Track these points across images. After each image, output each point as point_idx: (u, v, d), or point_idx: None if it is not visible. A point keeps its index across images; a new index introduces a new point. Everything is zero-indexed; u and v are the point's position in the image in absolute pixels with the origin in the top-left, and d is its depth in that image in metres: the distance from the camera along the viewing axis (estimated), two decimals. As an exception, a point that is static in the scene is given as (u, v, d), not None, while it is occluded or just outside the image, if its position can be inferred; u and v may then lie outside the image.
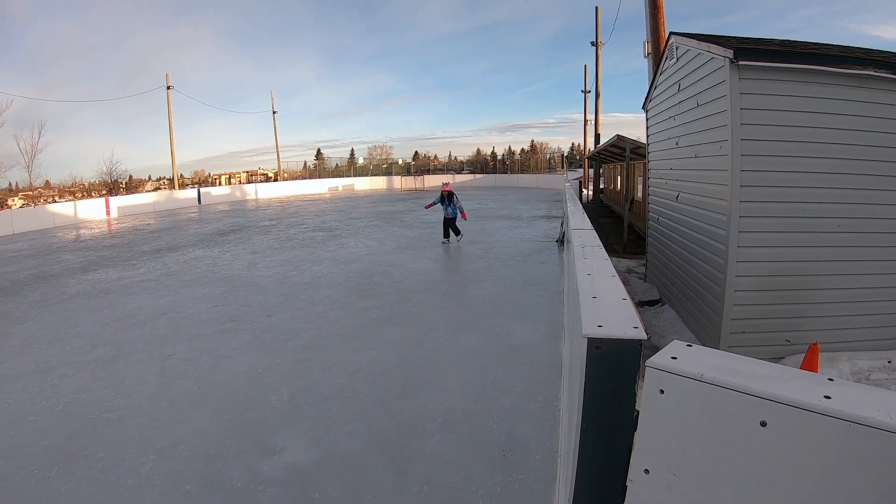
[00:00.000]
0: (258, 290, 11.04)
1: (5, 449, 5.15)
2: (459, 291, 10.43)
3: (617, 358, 1.76)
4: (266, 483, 4.48)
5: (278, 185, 50.56)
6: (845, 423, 1.29)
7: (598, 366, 1.78)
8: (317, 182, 53.85)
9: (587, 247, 3.96)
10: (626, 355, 1.75)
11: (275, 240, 18.63)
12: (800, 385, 1.43)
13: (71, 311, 10.13)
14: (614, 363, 1.76)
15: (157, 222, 27.04)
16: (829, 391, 1.38)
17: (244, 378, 6.60)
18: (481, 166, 74.59)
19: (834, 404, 1.32)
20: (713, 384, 1.48)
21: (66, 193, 53.79)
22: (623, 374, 1.76)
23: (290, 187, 50.25)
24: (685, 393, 1.53)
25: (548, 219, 21.83)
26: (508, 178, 53.01)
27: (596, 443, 1.84)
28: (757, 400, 1.41)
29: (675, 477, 1.62)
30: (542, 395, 5.78)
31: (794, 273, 6.92)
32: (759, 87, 6.68)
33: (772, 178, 6.76)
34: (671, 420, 1.58)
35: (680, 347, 1.68)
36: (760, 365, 1.56)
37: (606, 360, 1.77)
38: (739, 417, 1.44)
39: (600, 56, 34.35)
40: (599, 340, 1.76)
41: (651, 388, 1.60)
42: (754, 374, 1.50)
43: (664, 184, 10.31)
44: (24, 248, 19.50)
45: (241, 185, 52.90)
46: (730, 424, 1.47)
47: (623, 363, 1.76)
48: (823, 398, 1.35)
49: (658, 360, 1.60)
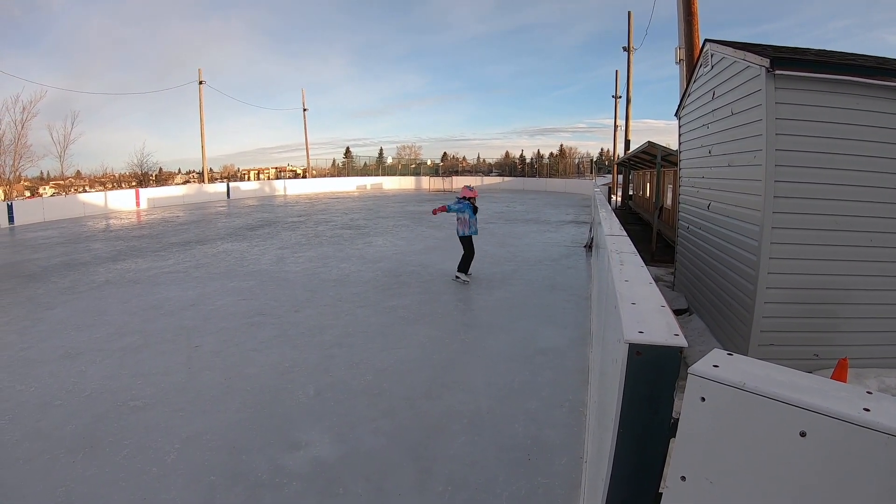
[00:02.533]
0: (286, 286, 11.14)
1: (32, 432, 5.23)
2: (487, 293, 10.42)
3: (656, 364, 1.76)
4: (290, 477, 4.50)
5: (307, 182, 50.87)
6: (885, 436, 1.29)
7: (637, 371, 1.78)
8: (345, 180, 54.03)
9: (622, 253, 3.94)
10: (666, 362, 1.75)
11: (303, 236, 18.77)
12: (840, 397, 1.42)
13: (99, 299, 10.29)
14: (654, 369, 1.76)
15: (186, 215, 27.38)
16: (869, 404, 1.38)
17: (271, 372, 6.66)
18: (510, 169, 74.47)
19: (873, 417, 1.32)
20: (755, 393, 1.48)
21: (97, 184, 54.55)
22: (662, 381, 1.76)
23: (318, 184, 50.52)
24: (726, 401, 1.53)
25: (576, 224, 21.74)
26: (537, 181, 52.72)
27: (632, 448, 1.85)
28: (798, 410, 1.41)
29: (712, 485, 1.62)
30: (569, 401, 5.76)
31: (825, 286, 6.82)
32: (795, 97, 6.60)
33: (805, 189, 6.68)
34: (711, 428, 1.58)
35: (721, 356, 1.68)
36: (801, 376, 1.56)
37: (646, 366, 1.77)
38: (780, 427, 1.44)
39: (632, 61, 34.14)
40: (640, 346, 1.76)
41: (692, 395, 1.60)
42: (795, 384, 1.50)
43: (695, 192, 10.22)
44: (54, 235, 19.84)
45: (270, 181, 53.18)
46: (770, 434, 1.47)
47: (663, 370, 1.76)
48: (863, 410, 1.35)
49: (700, 367, 1.60)
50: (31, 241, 18.45)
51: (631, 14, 33.49)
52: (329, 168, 72.22)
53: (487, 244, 16.17)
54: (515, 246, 16.11)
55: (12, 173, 42.28)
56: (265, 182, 52.21)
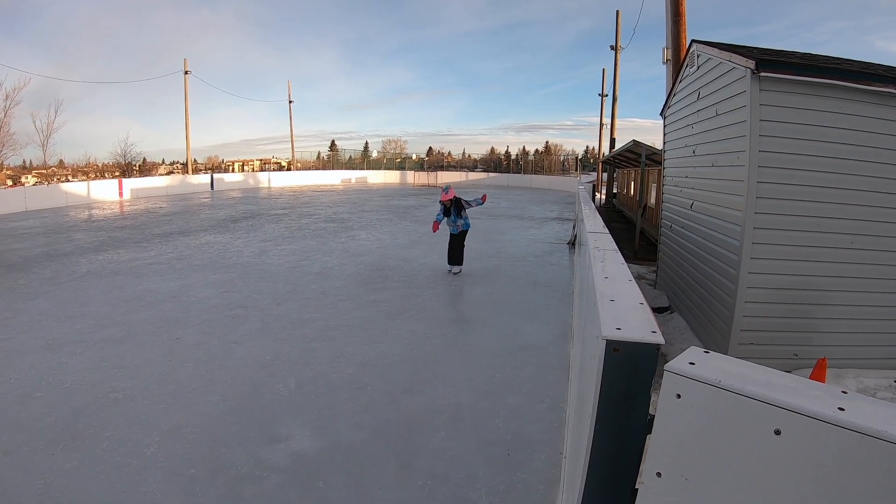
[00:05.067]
0: (268, 278, 11.09)
1: (11, 424, 5.18)
2: (470, 289, 10.46)
3: (634, 361, 1.77)
4: (270, 470, 4.49)
5: (291, 175, 50.70)
6: (858, 435, 1.30)
7: (614, 368, 1.79)
8: (330, 173, 53.95)
9: (603, 250, 3.96)
10: (643, 359, 1.76)
11: (286, 229, 18.71)
12: (815, 396, 1.43)
13: (81, 290, 10.19)
14: (631, 366, 1.77)
15: (170, 206, 27.16)
16: (843, 403, 1.39)
17: (252, 364, 6.64)
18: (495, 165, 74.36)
19: (847, 416, 1.33)
20: (730, 391, 1.49)
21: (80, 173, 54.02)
22: (639, 378, 1.77)
23: (303, 177, 50.39)
24: (702, 398, 1.54)
25: (560, 221, 21.82)
26: (521, 178, 52.85)
27: (609, 444, 1.86)
28: (773, 408, 1.42)
29: (688, 481, 1.63)
30: (549, 397, 5.79)
31: (806, 287, 6.89)
32: (780, 99, 6.65)
33: (788, 191, 6.73)
34: (686, 425, 1.59)
35: (697, 353, 1.69)
36: (776, 375, 1.57)
37: (623, 362, 1.78)
38: (755, 425, 1.45)
39: (619, 60, 34.27)
40: (617, 343, 1.77)
41: (668, 391, 1.61)
42: (770, 382, 1.51)
43: (679, 191, 10.27)
44: (36, 225, 19.59)
45: (255, 173, 53.01)
46: (745, 431, 1.48)
47: (640, 366, 1.76)
48: (837, 409, 1.36)
49: (676, 364, 1.61)
50: (13, 230, 18.20)
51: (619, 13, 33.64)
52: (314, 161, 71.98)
53: (470, 239, 16.03)
54: (499, 242, 16.16)
55: (-6, 162, 41.88)
56: (250, 174, 52.02)
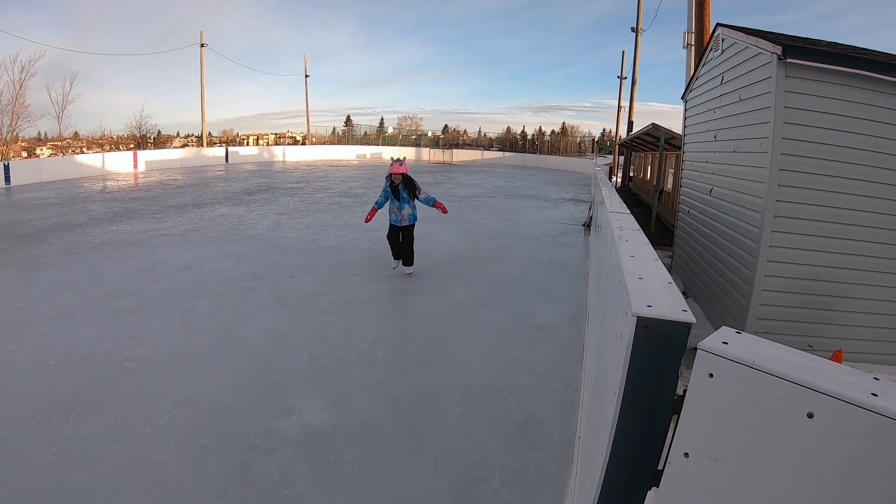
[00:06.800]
0: (282, 251, 11.10)
1: (24, 392, 5.21)
2: (484, 267, 10.40)
3: (664, 340, 1.75)
4: (283, 442, 4.51)
5: (306, 149, 50.57)
6: (891, 422, 1.30)
7: (644, 346, 1.76)
8: (345, 148, 53.79)
9: (627, 230, 3.92)
10: (673, 337, 1.74)
11: (301, 202, 18.69)
12: (848, 381, 1.43)
13: (95, 261, 10.21)
14: (661, 344, 1.75)
15: (184, 178, 27.17)
16: (876, 389, 1.38)
17: (265, 337, 6.65)
18: (510, 145, 73.82)
19: (881, 402, 1.33)
20: (765, 372, 1.47)
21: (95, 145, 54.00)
22: (668, 356, 1.75)
23: (317, 152, 50.22)
24: (735, 378, 1.52)
25: (575, 202, 21.65)
26: (537, 158, 52.40)
27: (635, 423, 1.84)
28: (807, 391, 1.41)
29: (715, 462, 1.61)
30: (563, 377, 5.77)
31: (823, 278, 6.81)
32: (805, 86, 6.53)
33: (809, 180, 6.63)
34: (717, 404, 1.57)
35: (730, 333, 1.67)
36: (810, 358, 1.56)
37: (653, 340, 1.75)
38: (788, 407, 1.44)
39: (639, 43, 33.82)
40: (648, 320, 1.75)
41: (700, 370, 1.59)
42: (805, 365, 1.49)
43: (698, 176, 10.17)
44: (50, 196, 19.57)
45: (269, 147, 52.78)
46: (777, 413, 1.46)
47: (669, 345, 1.74)
48: (871, 395, 1.35)
49: (709, 343, 1.58)
50: (27, 201, 18.20)
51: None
52: (329, 136, 71.56)
53: (486, 218, 16.23)
54: (514, 221, 16.05)
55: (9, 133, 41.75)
56: (264, 148, 51.90)
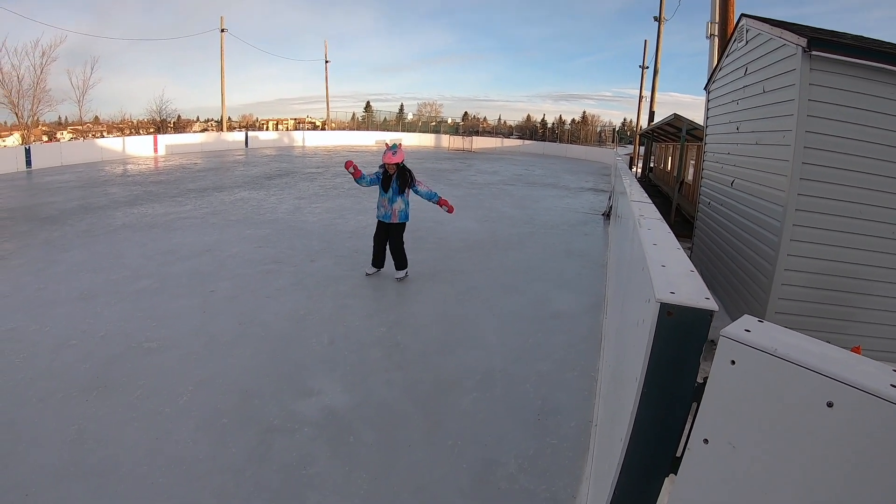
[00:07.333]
0: (302, 235, 11.17)
1: (45, 371, 5.28)
2: (503, 254, 10.40)
3: (686, 327, 1.76)
4: (302, 423, 4.56)
5: (325, 135, 50.55)
6: None
7: (666, 332, 1.78)
8: (364, 134, 53.77)
9: (649, 218, 3.91)
10: (696, 324, 1.76)
11: (321, 187, 18.74)
12: (867, 371, 1.43)
13: (116, 243, 10.30)
14: (683, 331, 1.77)
15: (204, 162, 27.34)
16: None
17: (285, 319, 6.72)
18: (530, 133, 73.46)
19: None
20: (786, 360, 1.48)
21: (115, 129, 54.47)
22: (690, 343, 1.76)
23: (337, 137, 50.19)
24: (756, 366, 1.53)
25: (594, 191, 21.52)
26: (557, 147, 52.04)
27: (655, 410, 1.86)
28: (827, 380, 1.41)
29: (735, 449, 1.62)
30: (580, 365, 5.79)
31: (844, 274, 6.75)
32: (830, 80, 6.45)
33: (832, 174, 6.56)
34: (738, 392, 1.58)
35: (752, 322, 1.68)
36: (831, 348, 1.57)
37: (676, 327, 1.77)
38: (808, 395, 1.45)
39: (662, 32, 33.43)
40: (671, 307, 1.76)
41: (722, 357, 1.60)
42: (826, 355, 1.50)
43: (720, 168, 10.10)
44: (71, 179, 19.68)
45: (289, 132, 52.75)
46: (797, 402, 1.48)
47: (692, 332, 1.76)
48: (890, 386, 1.35)
49: (732, 330, 1.60)
50: (49, 184, 18.32)
51: (665, -18, 32.83)
52: (348, 122, 71.62)
53: (505, 205, 16.21)
54: (533, 209, 16.01)
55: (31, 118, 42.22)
56: (284, 133, 51.89)
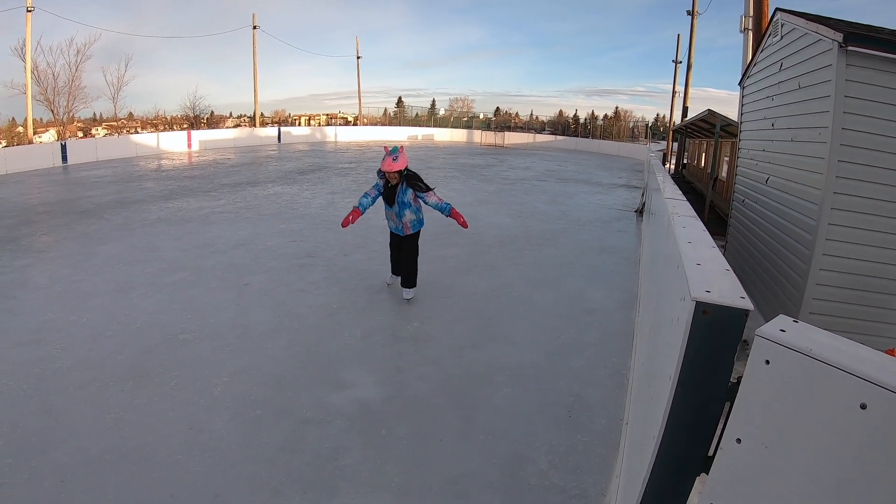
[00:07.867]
0: (336, 230, 11.14)
1: (82, 360, 5.44)
2: (536, 250, 10.41)
3: (721, 326, 1.77)
4: (335, 415, 4.64)
5: (358, 130, 50.74)
6: None
7: (701, 331, 1.79)
8: (396, 129, 53.80)
9: (683, 216, 3.89)
10: (731, 324, 1.76)
11: (353, 182, 18.89)
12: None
13: (152, 236, 10.53)
14: (718, 330, 1.77)
15: (237, 157, 27.70)
16: None
17: (319, 312, 6.82)
18: (563, 128, 72.80)
19: None
20: (820, 360, 1.48)
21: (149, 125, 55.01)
22: (725, 342, 1.77)
23: (369, 132, 50.31)
24: (791, 366, 1.54)
25: (627, 188, 21.32)
26: (589, 142, 51.64)
27: (689, 408, 1.86)
28: (861, 382, 1.41)
29: (767, 449, 1.62)
30: (612, 362, 5.79)
31: (879, 275, 6.62)
32: (867, 76, 6.32)
33: (869, 172, 6.42)
34: (772, 392, 1.59)
35: (787, 321, 1.68)
36: (865, 349, 1.57)
37: (711, 326, 1.78)
38: (842, 397, 1.45)
39: (695, 26, 32.94)
40: (707, 305, 1.77)
41: (757, 357, 1.60)
42: (860, 356, 1.50)
43: (754, 165, 9.95)
44: (107, 174, 20.07)
45: (321, 127, 53.06)
46: (831, 402, 1.47)
47: (727, 331, 1.76)
48: None
49: (768, 330, 1.60)
50: (85, 179, 18.71)
51: (698, -24, 32.41)
52: (380, 117, 71.57)
53: (538, 201, 16.21)
54: (566, 205, 15.96)
55: (66, 114, 43.14)
56: (316, 128, 52.23)
